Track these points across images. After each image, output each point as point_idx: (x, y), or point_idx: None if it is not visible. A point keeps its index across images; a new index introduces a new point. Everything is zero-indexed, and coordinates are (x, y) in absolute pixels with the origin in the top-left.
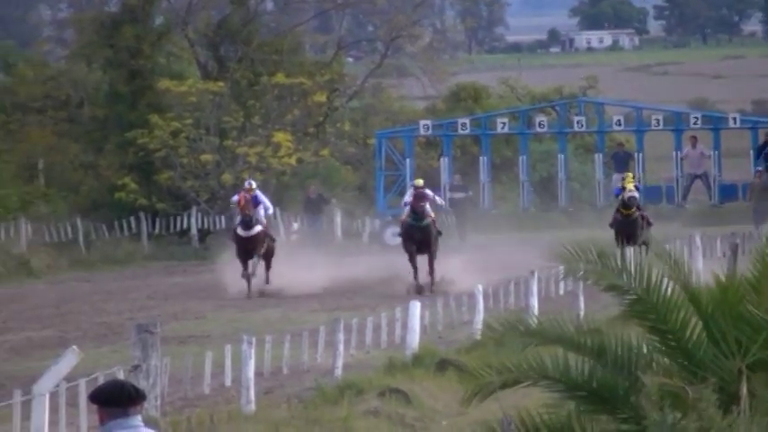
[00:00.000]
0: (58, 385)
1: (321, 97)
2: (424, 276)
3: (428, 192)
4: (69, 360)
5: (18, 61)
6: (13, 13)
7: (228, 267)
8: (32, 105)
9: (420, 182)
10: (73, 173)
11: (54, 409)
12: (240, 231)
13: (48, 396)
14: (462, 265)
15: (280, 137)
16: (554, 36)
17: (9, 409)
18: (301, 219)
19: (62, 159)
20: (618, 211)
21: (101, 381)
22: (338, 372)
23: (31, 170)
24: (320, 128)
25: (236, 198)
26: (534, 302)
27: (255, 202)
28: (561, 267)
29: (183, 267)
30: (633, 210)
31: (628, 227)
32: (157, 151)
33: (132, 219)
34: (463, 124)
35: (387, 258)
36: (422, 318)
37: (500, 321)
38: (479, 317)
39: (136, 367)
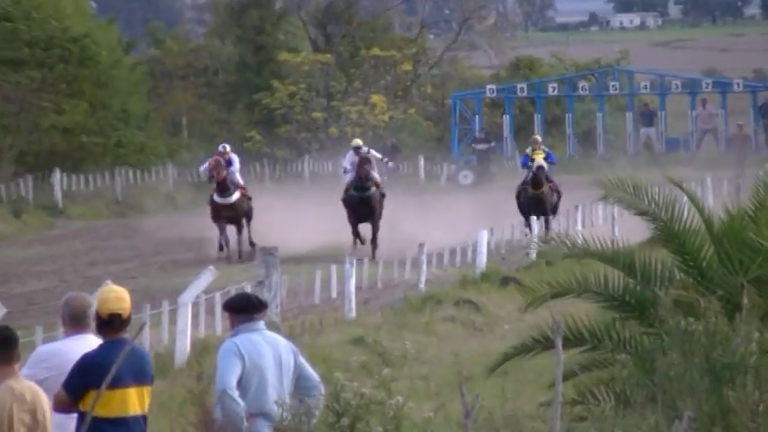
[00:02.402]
0: (198, 297)
1: (408, 66)
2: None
3: (371, 153)
4: (207, 277)
5: (165, 38)
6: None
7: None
8: (177, 73)
9: (359, 141)
10: (210, 127)
11: (195, 316)
12: (217, 198)
13: (189, 306)
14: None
15: (375, 98)
16: (593, 18)
17: (159, 317)
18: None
19: (201, 116)
20: (524, 184)
21: (232, 293)
22: (422, 286)
23: (176, 125)
24: (407, 91)
25: (205, 166)
26: (578, 228)
27: (228, 164)
28: (601, 193)
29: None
30: (542, 187)
31: (537, 204)
32: (278, 110)
33: (257, 164)
34: (521, 88)
35: (461, 196)
36: (488, 243)
37: (550, 244)
38: (534, 241)
39: (260, 282)
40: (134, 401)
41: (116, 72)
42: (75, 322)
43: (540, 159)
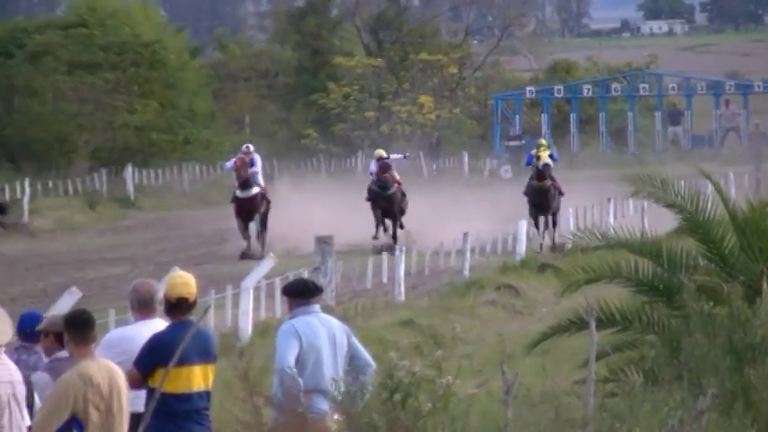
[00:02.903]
0: (259, 282)
1: (453, 69)
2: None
3: (391, 158)
4: (268, 264)
5: (230, 43)
6: (226, 7)
7: None
8: (240, 75)
9: (381, 152)
10: (270, 125)
11: (256, 300)
12: (239, 193)
13: (251, 290)
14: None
15: (423, 99)
16: (625, 25)
17: (223, 300)
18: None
19: (262, 115)
20: (531, 179)
21: (290, 279)
22: (466, 272)
23: (239, 124)
24: (453, 92)
25: (231, 163)
26: (610, 220)
27: (251, 165)
28: (632, 189)
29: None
30: (546, 180)
31: (541, 196)
32: (333, 109)
33: (314, 160)
34: (558, 90)
35: (501, 190)
36: (527, 232)
37: (584, 234)
38: (570, 231)
39: (316, 269)
40: (198, 378)
41: (184, 74)
42: (144, 307)
43: (545, 157)
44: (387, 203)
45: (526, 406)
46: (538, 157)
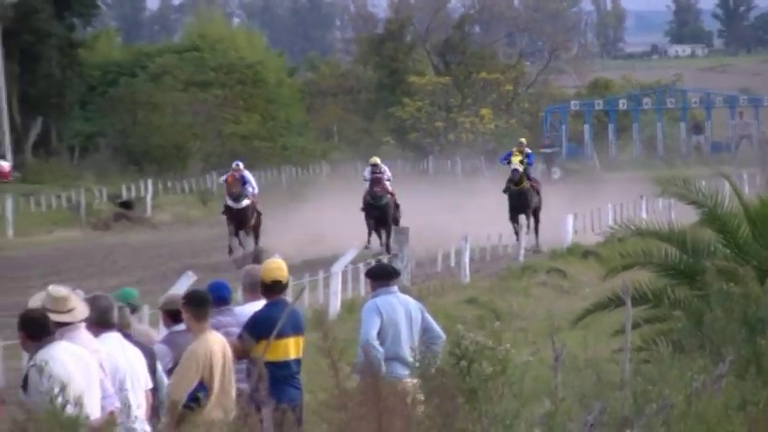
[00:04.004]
0: (346, 267)
1: (509, 86)
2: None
3: (381, 170)
4: (353, 251)
5: (320, 64)
6: (317, 33)
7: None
8: (329, 92)
9: (376, 160)
10: (354, 134)
11: (344, 282)
12: (230, 203)
13: (340, 274)
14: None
15: (484, 111)
16: (654, 48)
17: (316, 282)
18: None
19: (347, 126)
20: (509, 182)
21: (372, 264)
22: (521, 258)
23: (327, 133)
24: (509, 106)
25: (223, 178)
26: (643, 214)
27: (243, 181)
28: (660, 189)
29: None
30: (522, 183)
31: (518, 198)
32: (407, 120)
33: (391, 164)
34: (598, 103)
35: (550, 189)
36: (573, 224)
37: (621, 226)
38: (609, 224)
39: (395, 255)
40: (293, 348)
41: (282, 91)
42: (254, 289)
43: (516, 162)
44: (379, 214)
45: (572, 371)
46: (508, 162)
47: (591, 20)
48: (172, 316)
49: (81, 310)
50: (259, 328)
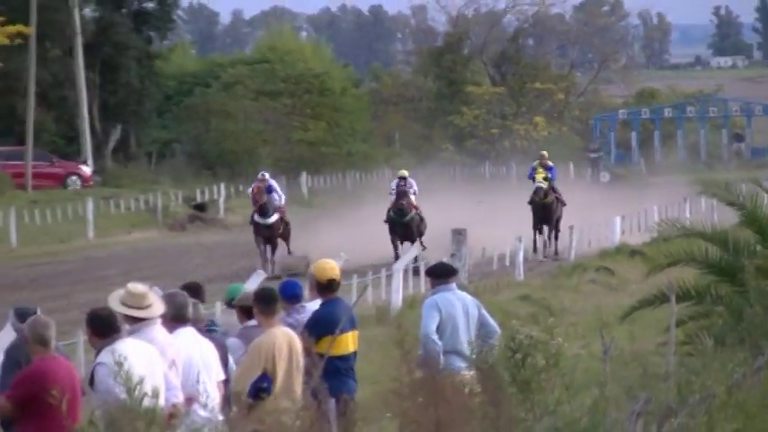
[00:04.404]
0: (407, 265)
1: (561, 96)
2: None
3: (409, 184)
4: (414, 251)
5: (383, 75)
6: (380, 46)
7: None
8: (391, 100)
9: (404, 172)
10: (415, 141)
11: (405, 279)
12: (258, 218)
13: (401, 272)
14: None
15: (537, 119)
16: (698, 60)
17: (379, 279)
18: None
19: (408, 133)
20: (535, 194)
21: (432, 263)
22: (572, 257)
23: (389, 139)
24: (560, 114)
25: (250, 189)
26: (687, 215)
27: (269, 191)
28: (701, 190)
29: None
30: (548, 197)
31: (542, 211)
32: (465, 128)
33: (450, 169)
34: (644, 111)
35: (600, 191)
36: (621, 225)
37: (666, 226)
38: (654, 224)
39: (453, 255)
40: (350, 342)
41: (346, 100)
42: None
43: (539, 179)
44: (404, 230)
45: (619, 364)
46: (534, 178)
47: (637, 33)
48: (245, 312)
49: (158, 306)
50: (318, 327)
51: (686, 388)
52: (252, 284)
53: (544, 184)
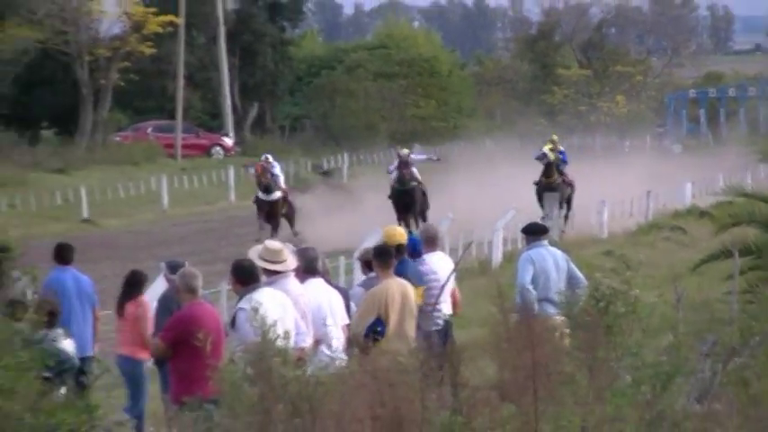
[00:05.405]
0: (506, 224)
1: (639, 77)
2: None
3: (411, 158)
4: (511, 213)
5: (485, 59)
6: (483, 34)
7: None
8: (492, 82)
9: (405, 151)
10: (513, 117)
11: (504, 237)
12: (261, 195)
13: (501, 230)
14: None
15: (618, 98)
16: (758, 46)
17: (482, 237)
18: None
19: (508, 110)
20: (542, 175)
21: (525, 222)
22: (649, 216)
23: (491, 115)
24: (639, 93)
25: (252, 169)
26: (748, 180)
27: (271, 173)
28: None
29: None
30: (554, 177)
31: (549, 190)
32: (556, 105)
33: (541, 141)
34: (711, 91)
35: (672, 160)
36: (692, 189)
37: (731, 189)
38: (720, 189)
39: (543, 218)
40: (417, 296)
41: (453, 81)
42: (429, 243)
43: (546, 149)
44: (407, 198)
45: (690, 310)
46: (544, 154)
47: (706, 23)
48: (367, 265)
49: (291, 261)
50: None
51: (747, 331)
52: (370, 241)
53: (551, 154)
